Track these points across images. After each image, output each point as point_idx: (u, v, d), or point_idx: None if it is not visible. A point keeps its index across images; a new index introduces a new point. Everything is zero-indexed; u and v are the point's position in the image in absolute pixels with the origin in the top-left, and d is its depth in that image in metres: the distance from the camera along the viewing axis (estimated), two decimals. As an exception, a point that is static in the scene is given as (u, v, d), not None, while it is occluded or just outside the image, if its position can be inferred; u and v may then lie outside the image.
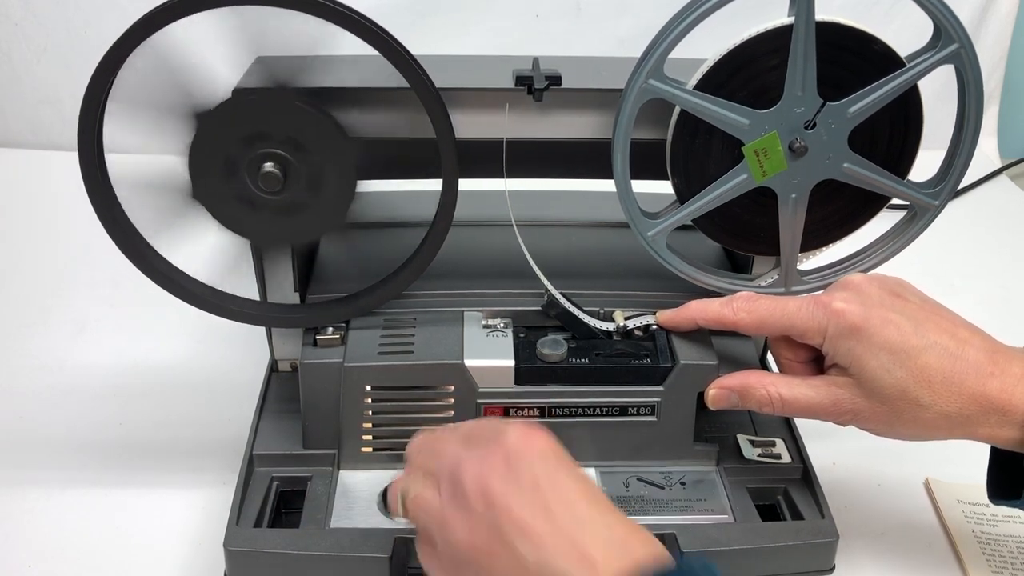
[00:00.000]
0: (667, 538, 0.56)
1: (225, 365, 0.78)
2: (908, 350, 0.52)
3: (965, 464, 0.58)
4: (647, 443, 0.61)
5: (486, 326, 0.62)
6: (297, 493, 0.60)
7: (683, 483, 0.61)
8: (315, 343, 0.60)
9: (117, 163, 0.57)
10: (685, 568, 0.42)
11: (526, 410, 0.60)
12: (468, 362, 0.59)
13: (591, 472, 0.61)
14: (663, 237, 0.61)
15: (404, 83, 0.55)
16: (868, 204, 0.61)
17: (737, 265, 0.70)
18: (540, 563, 0.42)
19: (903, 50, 0.57)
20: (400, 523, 0.58)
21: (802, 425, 0.64)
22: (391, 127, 0.60)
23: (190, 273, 0.60)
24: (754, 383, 0.56)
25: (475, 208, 0.64)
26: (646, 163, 0.59)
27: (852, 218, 0.62)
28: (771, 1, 0.59)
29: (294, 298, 0.64)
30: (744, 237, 0.62)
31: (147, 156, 0.52)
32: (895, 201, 0.61)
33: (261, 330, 0.68)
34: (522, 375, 0.59)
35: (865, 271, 0.63)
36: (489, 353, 0.60)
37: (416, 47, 0.56)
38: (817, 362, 0.57)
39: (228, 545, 0.55)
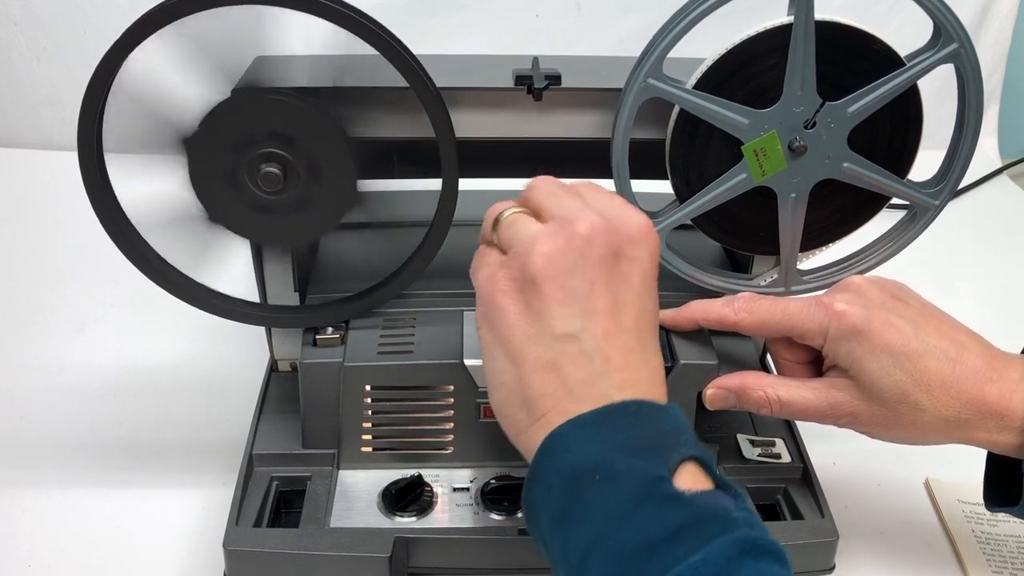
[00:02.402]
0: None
1: (225, 365, 0.78)
2: (908, 353, 0.52)
3: (965, 464, 0.58)
4: (647, 443, 0.61)
5: (486, 326, 0.62)
6: (297, 493, 0.60)
7: (683, 483, 0.61)
8: (315, 343, 0.60)
9: (135, 208, 0.57)
10: (655, 405, 0.44)
11: (526, 410, 0.60)
12: (468, 362, 0.59)
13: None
14: (663, 236, 0.60)
15: (404, 83, 0.55)
16: (868, 204, 0.61)
17: (737, 265, 0.70)
18: (586, 345, 0.45)
19: (903, 49, 0.57)
20: (400, 523, 0.58)
21: (802, 425, 0.64)
22: (391, 127, 0.60)
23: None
24: (752, 384, 0.56)
25: (475, 208, 0.64)
26: (646, 163, 0.59)
27: (852, 218, 0.62)
28: (770, 0, 0.59)
29: (294, 298, 0.64)
30: (744, 237, 0.62)
31: (158, 190, 0.54)
32: (895, 201, 0.61)
33: (261, 330, 0.68)
34: (522, 375, 0.59)
35: (865, 271, 0.63)
36: (489, 353, 0.60)
37: (416, 47, 0.56)
38: (816, 364, 0.57)
39: (228, 545, 0.55)
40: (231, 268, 0.62)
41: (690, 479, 0.42)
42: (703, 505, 0.40)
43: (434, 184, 0.59)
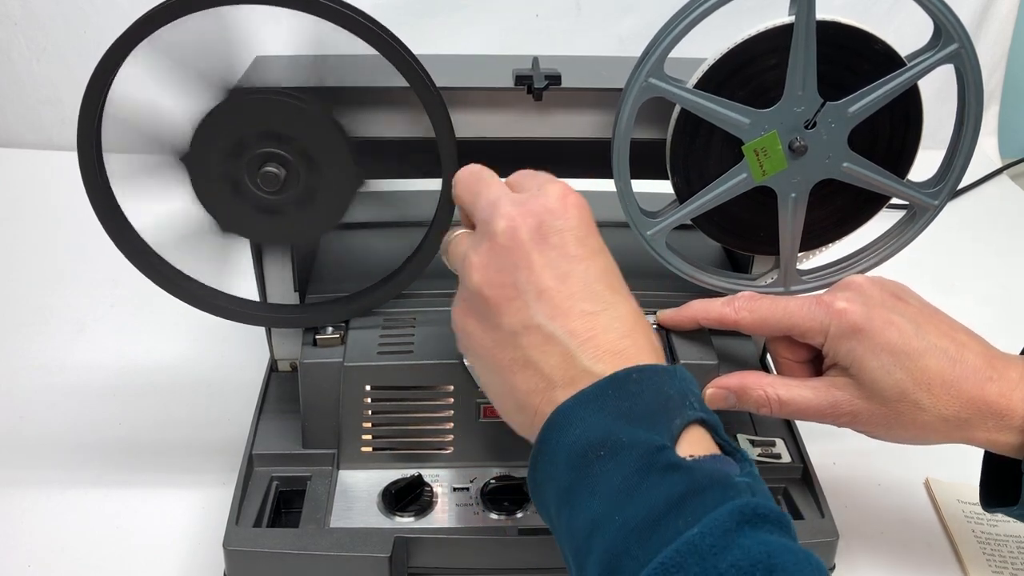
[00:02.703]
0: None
1: (225, 365, 0.78)
2: (909, 352, 0.52)
3: (965, 464, 0.58)
4: (647, 443, 0.61)
5: (486, 326, 0.62)
6: (297, 493, 0.60)
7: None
8: (315, 343, 0.60)
9: (151, 232, 0.58)
10: (658, 368, 0.44)
11: (526, 410, 0.60)
12: (468, 362, 0.59)
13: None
14: (663, 236, 0.61)
15: (404, 83, 0.55)
16: (868, 204, 0.61)
17: (737, 265, 0.70)
18: (547, 327, 0.44)
19: (903, 49, 0.57)
20: (400, 523, 0.58)
21: (802, 425, 0.64)
22: (391, 127, 0.60)
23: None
24: (752, 384, 0.56)
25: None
26: (646, 162, 0.59)
27: (852, 218, 0.62)
28: (771, 0, 0.59)
29: (294, 298, 0.64)
30: (744, 236, 0.62)
31: (169, 210, 0.54)
32: (895, 201, 0.61)
33: (261, 330, 0.68)
34: (522, 375, 0.59)
35: (865, 271, 0.63)
36: (489, 353, 0.60)
37: (416, 47, 0.56)
38: (815, 363, 0.57)
39: (228, 545, 0.55)
40: (231, 268, 0.62)
41: (695, 444, 0.42)
42: (704, 472, 0.40)
43: (434, 184, 0.59)
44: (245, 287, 0.63)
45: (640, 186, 0.60)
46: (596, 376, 0.43)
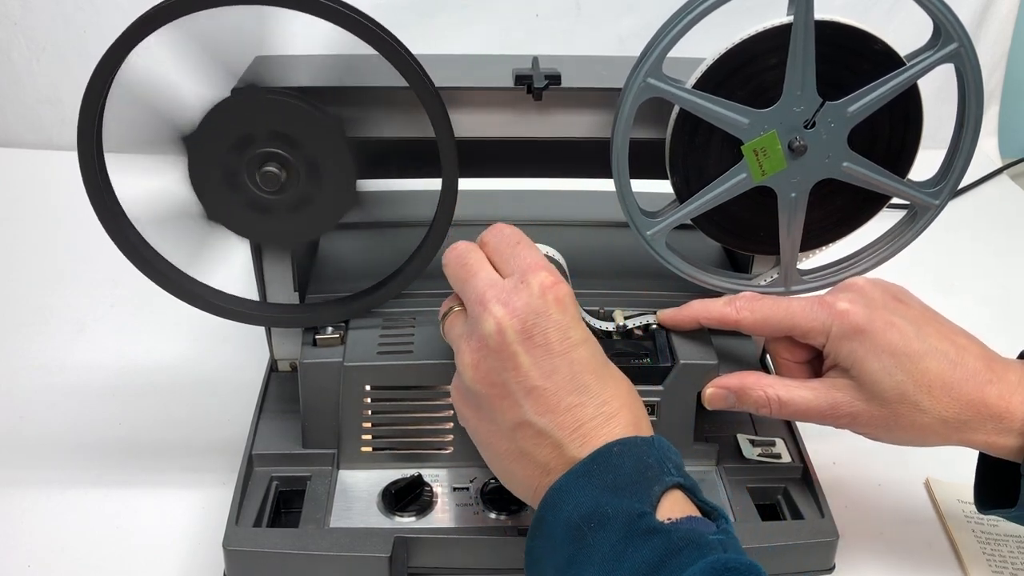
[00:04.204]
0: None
1: (225, 365, 0.78)
2: (910, 354, 0.52)
3: (965, 464, 0.58)
4: (647, 443, 0.61)
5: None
6: (297, 493, 0.60)
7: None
8: (315, 343, 0.60)
9: (132, 203, 0.57)
10: (637, 440, 0.47)
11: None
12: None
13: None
14: (663, 236, 0.61)
15: (404, 83, 0.55)
16: (868, 203, 0.61)
17: (737, 265, 0.70)
18: (537, 423, 0.47)
19: (903, 49, 0.57)
20: (400, 523, 0.58)
21: (802, 425, 0.64)
22: (391, 127, 0.60)
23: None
24: (752, 384, 0.56)
25: (475, 208, 0.64)
26: (645, 162, 0.59)
27: (852, 217, 0.62)
28: (770, 0, 0.59)
29: (294, 298, 0.64)
30: (743, 236, 0.62)
31: (156, 187, 0.54)
32: (895, 201, 0.61)
33: (261, 330, 0.68)
34: (522, 375, 0.59)
35: (865, 271, 0.63)
36: (489, 353, 0.60)
37: (416, 47, 0.56)
38: (814, 363, 0.57)
39: (227, 545, 0.55)
40: (231, 268, 0.62)
41: (674, 507, 0.45)
42: (681, 533, 0.42)
43: (434, 184, 0.59)
44: (245, 287, 0.63)
45: (640, 186, 0.60)
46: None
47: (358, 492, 0.60)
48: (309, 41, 0.56)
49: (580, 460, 0.46)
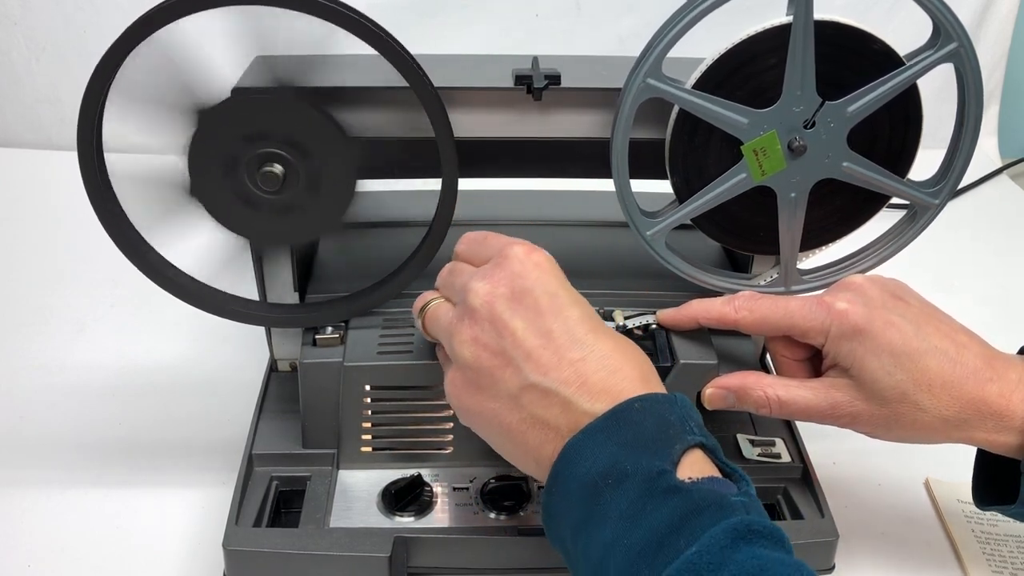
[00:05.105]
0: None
1: (225, 365, 0.78)
2: (910, 353, 0.52)
3: (965, 464, 0.58)
4: (647, 443, 0.61)
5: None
6: (296, 493, 0.60)
7: (683, 483, 0.61)
8: (314, 343, 0.60)
9: (115, 159, 0.57)
10: (659, 397, 0.46)
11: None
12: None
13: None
14: (662, 236, 0.61)
15: (404, 83, 0.55)
16: (868, 203, 0.61)
17: (737, 264, 0.70)
18: (542, 383, 0.47)
19: (902, 49, 0.57)
20: (400, 523, 0.58)
21: (802, 425, 0.64)
22: (391, 127, 0.60)
23: (189, 272, 0.60)
24: (752, 384, 0.56)
25: (475, 208, 0.64)
26: (645, 162, 0.59)
27: (852, 217, 0.62)
28: (770, 0, 0.59)
29: (294, 298, 0.64)
30: (743, 236, 0.62)
31: (147, 155, 0.52)
32: (895, 200, 0.61)
33: (261, 330, 0.68)
34: (522, 375, 0.59)
35: (865, 271, 0.63)
36: (489, 353, 0.60)
37: (416, 47, 0.56)
38: (814, 361, 0.57)
39: (227, 545, 0.55)
40: (231, 268, 0.62)
41: (694, 467, 0.43)
42: (702, 493, 0.41)
43: (434, 184, 0.59)
44: (245, 287, 0.63)
45: (640, 186, 0.60)
46: (596, 414, 0.45)
47: (358, 492, 0.60)
48: (308, 41, 0.56)
49: (595, 415, 0.45)
